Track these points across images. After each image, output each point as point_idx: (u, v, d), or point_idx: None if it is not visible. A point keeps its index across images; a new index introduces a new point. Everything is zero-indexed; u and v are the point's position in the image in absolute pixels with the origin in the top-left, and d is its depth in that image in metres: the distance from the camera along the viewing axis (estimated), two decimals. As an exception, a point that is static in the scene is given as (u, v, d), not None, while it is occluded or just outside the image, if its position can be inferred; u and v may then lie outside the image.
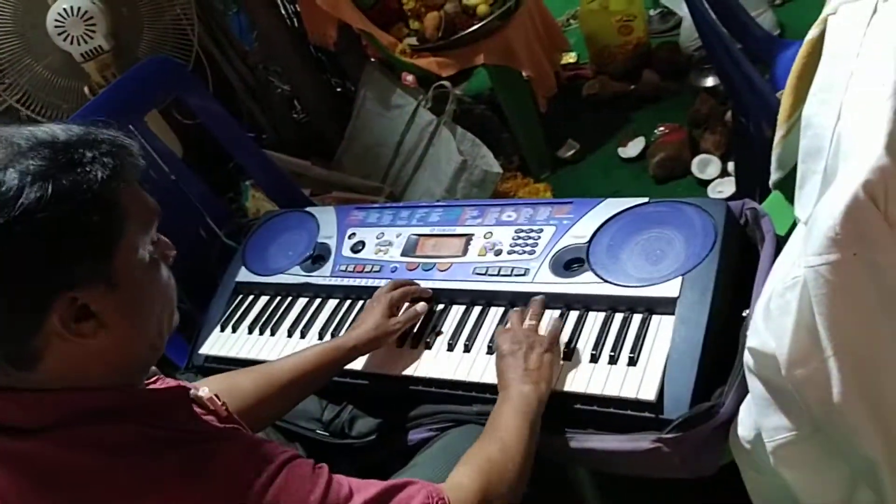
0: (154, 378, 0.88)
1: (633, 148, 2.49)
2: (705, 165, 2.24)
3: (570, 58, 3.08)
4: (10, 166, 0.66)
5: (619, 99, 2.78)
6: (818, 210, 0.75)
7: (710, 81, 2.51)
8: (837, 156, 0.80)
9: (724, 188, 2.16)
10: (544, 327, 1.14)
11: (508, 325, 1.16)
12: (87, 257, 0.70)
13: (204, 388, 0.90)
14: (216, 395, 0.91)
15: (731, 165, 2.21)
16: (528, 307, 1.17)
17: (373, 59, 2.69)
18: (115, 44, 2.00)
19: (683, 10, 2.70)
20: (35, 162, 0.67)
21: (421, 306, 1.27)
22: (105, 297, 0.71)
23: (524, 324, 1.14)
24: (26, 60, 1.99)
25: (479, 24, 2.28)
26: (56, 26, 1.89)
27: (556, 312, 1.18)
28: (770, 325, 0.83)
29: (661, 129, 2.44)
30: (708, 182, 2.22)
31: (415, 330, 1.28)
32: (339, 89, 3.00)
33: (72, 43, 1.91)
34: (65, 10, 1.88)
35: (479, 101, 2.86)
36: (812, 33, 0.96)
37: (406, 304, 1.29)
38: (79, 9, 1.87)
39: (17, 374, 0.71)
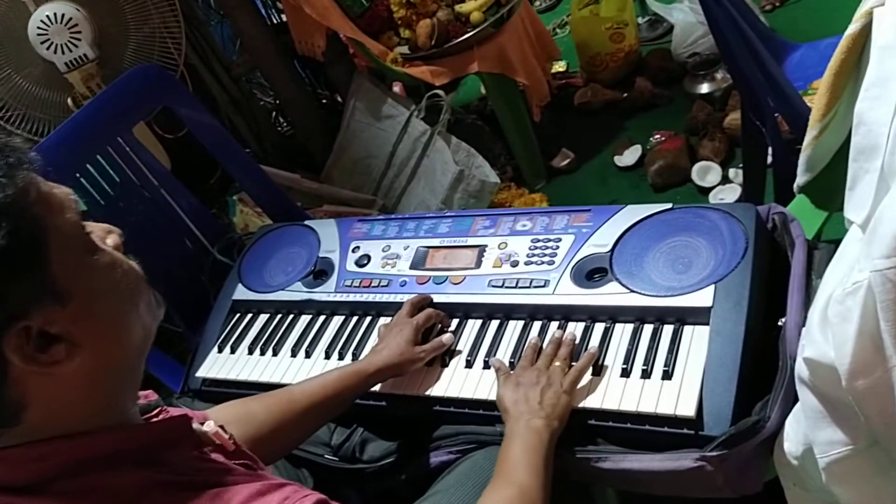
0: (157, 410, 0.79)
1: (629, 156, 2.45)
2: (705, 173, 2.21)
3: (559, 66, 3.06)
4: None
5: (611, 107, 2.76)
6: (884, 210, 0.71)
7: (704, 88, 2.49)
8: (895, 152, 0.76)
9: (726, 195, 2.13)
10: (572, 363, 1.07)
11: (529, 359, 1.11)
12: (16, 276, 0.59)
13: (209, 423, 0.82)
14: (222, 428, 0.83)
15: (731, 172, 2.19)
16: (560, 348, 1.10)
17: (362, 69, 2.64)
18: (100, 53, 1.92)
19: (674, 17, 2.69)
20: None
21: (447, 337, 1.20)
22: (60, 313, 0.62)
23: (552, 363, 1.07)
24: (6, 71, 1.90)
25: (473, 32, 2.23)
26: (39, 34, 1.81)
27: (594, 346, 1.10)
28: (828, 334, 0.78)
29: (657, 136, 2.42)
30: (708, 189, 2.19)
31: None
32: (325, 101, 2.95)
33: (55, 52, 1.83)
34: (48, 17, 1.80)
35: (468, 112, 2.82)
36: (852, 28, 0.92)
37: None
38: (63, 15, 1.80)
39: (5, 433, 0.63)
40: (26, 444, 0.63)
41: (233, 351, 1.40)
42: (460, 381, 1.15)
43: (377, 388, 1.19)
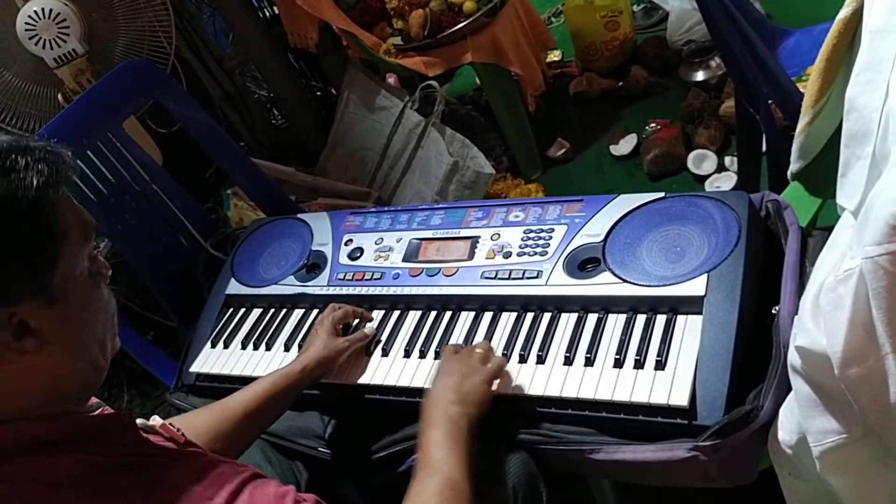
0: (99, 409, 0.81)
1: (624, 145, 2.44)
2: (701, 161, 2.20)
3: (554, 56, 3.04)
4: None
5: (606, 96, 2.75)
6: (875, 197, 0.70)
7: (700, 76, 2.48)
8: (887, 138, 0.75)
9: (722, 183, 2.12)
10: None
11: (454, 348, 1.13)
12: (26, 272, 0.66)
13: (155, 417, 0.87)
14: (171, 423, 0.87)
15: (727, 160, 2.18)
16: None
17: (355, 61, 2.63)
18: (90, 48, 1.91)
19: (669, 5, 2.67)
20: None
21: (369, 328, 1.26)
22: (44, 312, 0.68)
23: (475, 352, 1.09)
24: (-6, 68, 1.90)
25: (467, 22, 2.22)
26: (27, 29, 1.80)
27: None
28: (820, 322, 0.78)
29: (653, 125, 2.41)
30: (704, 178, 2.18)
31: (423, 340, 1.22)
32: (319, 93, 2.93)
33: (44, 47, 1.82)
34: (36, 12, 1.79)
35: (463, 102, 2.81)
36: (844, 12, 0.91)
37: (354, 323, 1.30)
38: (51, 11, 1.78)
39: None
40: None
41: (226, 346, 1.40)
42: (453, 374, 1.14)
43: (371, 380, 1.19)
